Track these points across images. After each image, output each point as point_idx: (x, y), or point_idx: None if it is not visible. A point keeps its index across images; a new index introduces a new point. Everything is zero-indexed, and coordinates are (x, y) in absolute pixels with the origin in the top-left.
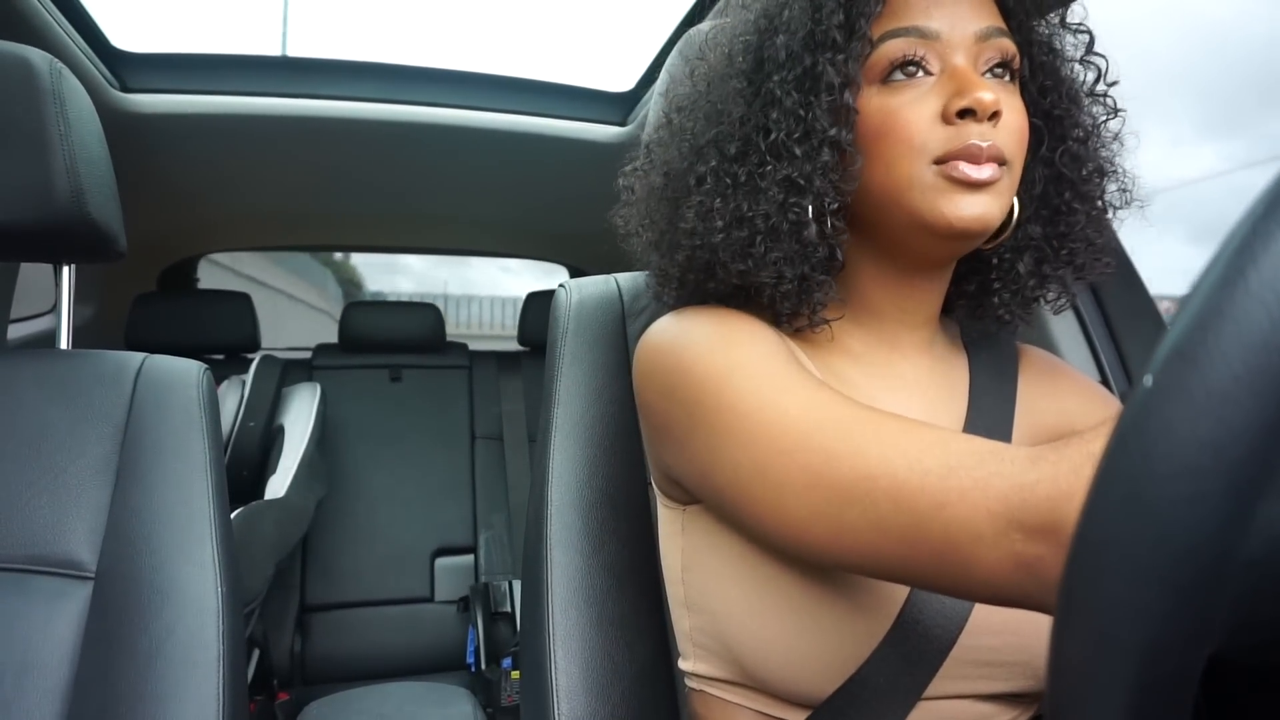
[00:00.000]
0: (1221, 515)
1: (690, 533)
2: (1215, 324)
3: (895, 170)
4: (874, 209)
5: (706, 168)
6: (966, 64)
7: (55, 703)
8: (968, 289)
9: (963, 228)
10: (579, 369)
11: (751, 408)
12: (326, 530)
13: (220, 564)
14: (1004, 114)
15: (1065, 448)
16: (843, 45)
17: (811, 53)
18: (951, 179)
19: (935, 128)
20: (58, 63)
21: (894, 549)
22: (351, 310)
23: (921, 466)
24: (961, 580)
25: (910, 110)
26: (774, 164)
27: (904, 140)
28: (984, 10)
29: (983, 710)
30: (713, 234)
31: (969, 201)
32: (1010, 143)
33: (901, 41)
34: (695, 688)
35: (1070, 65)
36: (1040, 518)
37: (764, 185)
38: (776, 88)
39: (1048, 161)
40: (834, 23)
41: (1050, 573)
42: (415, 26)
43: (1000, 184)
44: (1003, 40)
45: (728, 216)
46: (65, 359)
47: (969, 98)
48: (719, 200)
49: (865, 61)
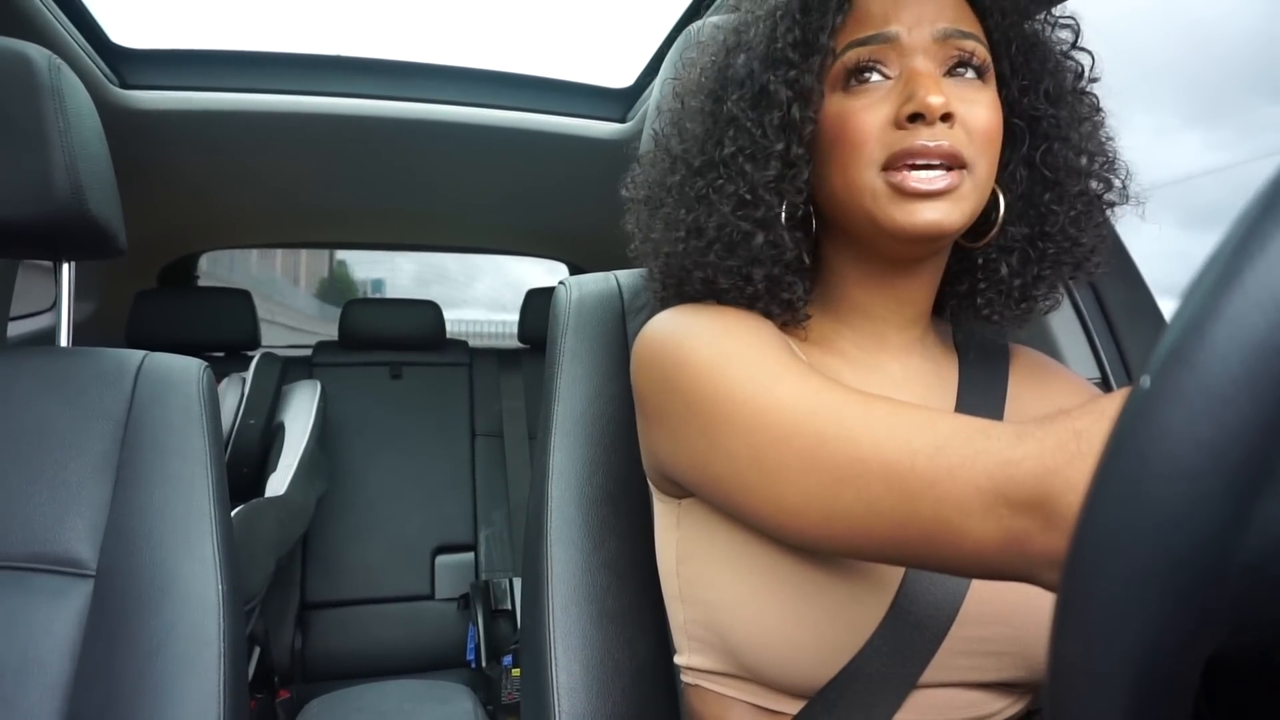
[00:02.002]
0: (1220, 516)
1: (685, 526)
2: (1212, 326)
3: (848, 175)
4: (838, 212)
5: (674, 180)
6: (925, 65)
7: (56, 700)
8: (959, 289)
9: (916, 234)
10: (579, 366)
11: (746, 395)
12: (327, 527)
13: (221, 561)
14: (963, 114)
15: (1051, 424)
16: (797, 61)
17: (767, 70)
18: (897, 188)
19: (886, 132)
20: (57, 59)
21: (886, 529)
22: (352, 308)
23: (911, 447)
24: (952, 557)
25: (863, 115)
26: (724, 177)
27: (855, 145)
28: (947, 11)
29: (975, 699)
30: (675, 243)
31: (922, 208)
32: (971, 142)
33: (860, 50)
34: (691, 682)
35: (1053, 62)
36: (1026, 492)
37: (715, 199)
38: (734, 106)
39: (1029, 162)
40: (789, 40)
41: (1036, 546)
42: (415, 23)
43: (960, 189)
44: (965, 40)
45: (687, 227)
46: (65, 356)
47: (917, 102)
48: (682, 210)
49: (829, 72)
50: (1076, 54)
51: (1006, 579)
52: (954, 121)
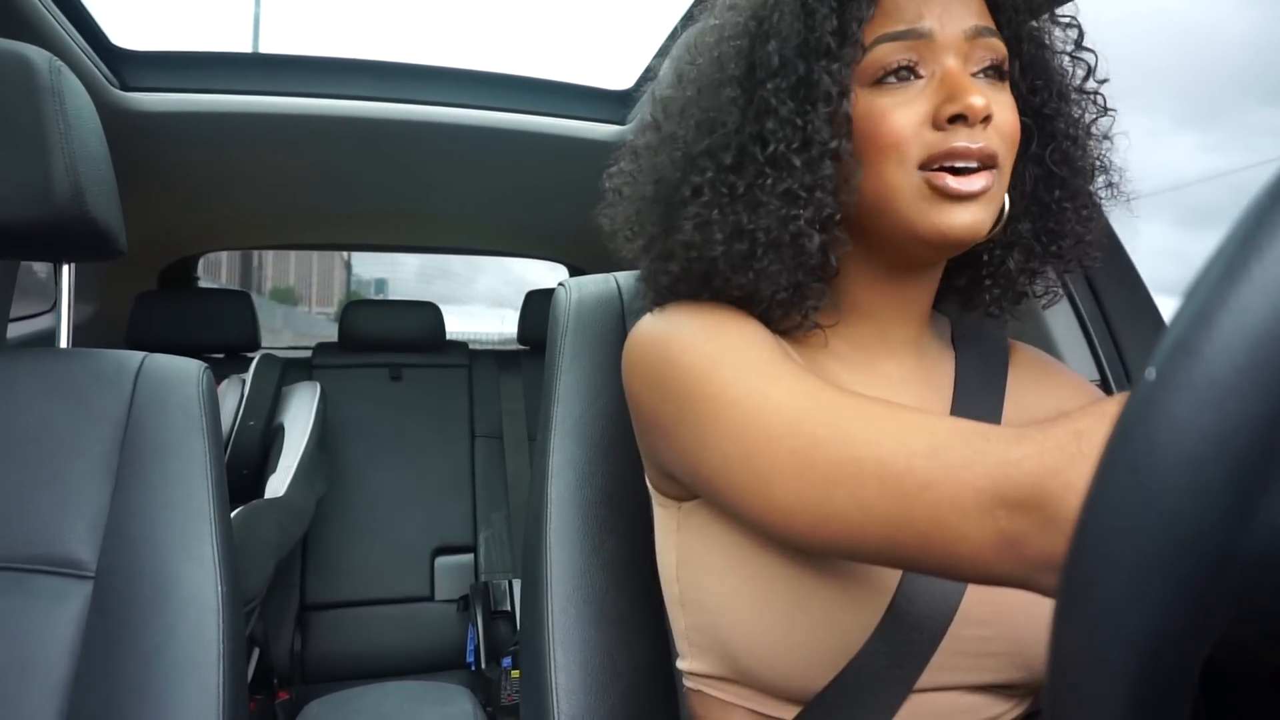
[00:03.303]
0: (1224, 506)
1: (685, 530)
2: (1218, 316)
3: (883, 176)
4: (865, 214)
5: (703, 179)
6: (957, 65)
7: (56, 701)
8: (958, 283)
9: (956, 237)
10: (579, 367)
11: (738, 395)
12: (327, 529)
13: (220, 563)
14: (994, 115)
15: (1051, 426)
16: (837, 52)
17: (805, 60)
18: (937, 190)
19: (924, 132)
20: (57, 61)
21: (881, 530)
22: (351, 309)
23: (907, 449)
24: (947, 559)
25: (899, 114)
26: (774, 176)
27: (892, 145)
28: (974, 8)
29: (973, 701)
30: (712, 247)
31: (959, 211)
32: (1001, 144)
33: (893, 46)
34: (692, 686)
35: (1060, 60)
36: (1024, 493)
37: (763, 198)
38: (771, 96)
39: (1038, 160)
40: (828, 29)
41: (1033, 548)
42: (415, 25)
43: (991, 191)
44: (992, 39)
45: (727, 230)
46: (65, 358)
47: (960, 103)
48: (716, 212)
49: (858, 66)
50: (1082, 53)
51: (1002, 584)
52: (989, 123)
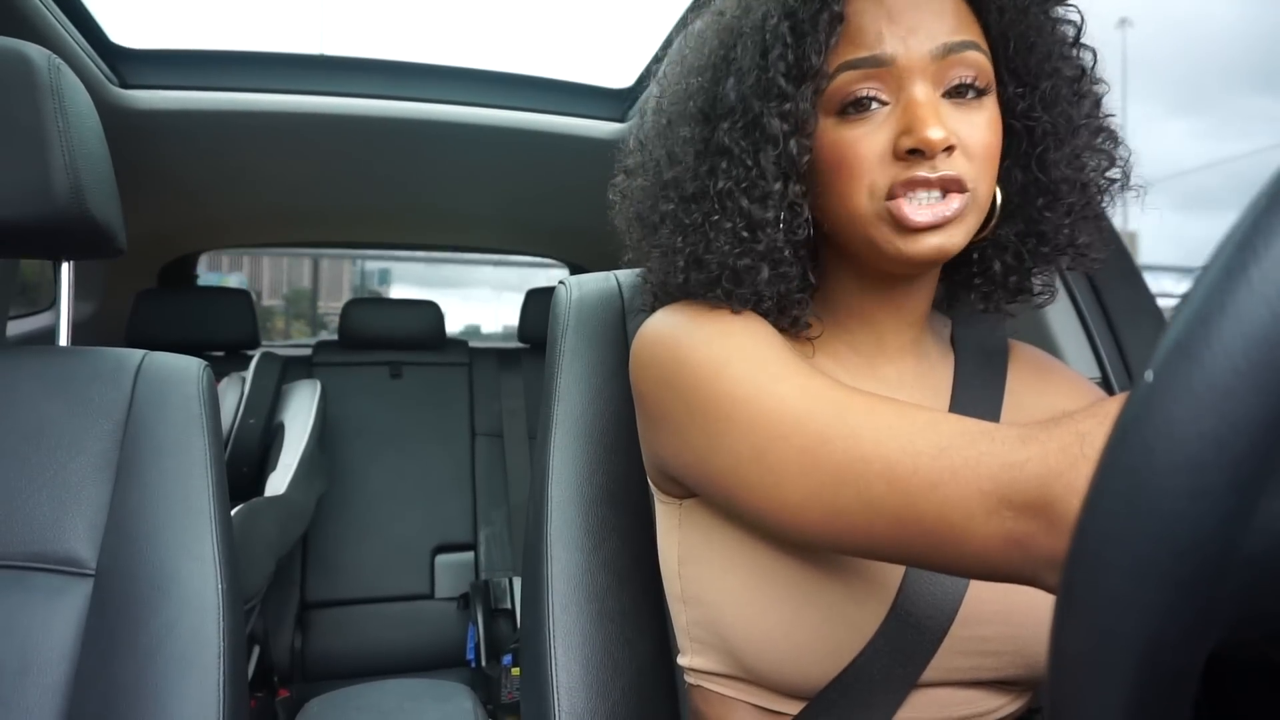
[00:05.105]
0: (1223, 509)
1: (687, 527)
2: (1217, 319)
3: (847, 204)
4: (840, 234)
5: (667, 209)
6: (924, 89)
7: (56, 700)
8: (954, 279)
9: (921, 262)
10: (579, 366)
11: (748, 394)
12: (327, 527)
13: (220, 561)
14: (964, 137)
15: (1054, 427)
16: (791, 92)
17: (760, 99)
18: (899, 221)
19: (885, 163)
20: (56, 59)
21: (887, 529)
22: (352, 307)
23: (914, 448)
24: (954, 558)
25: (861, 146)
26: (721, 213)
27: (854, 177)
28: (946, 21)
29: (973, 696)
30: (675, 274)
31: (922, 239)
32: (970, 166)
33: (853, 75)
34: (694, 683)
35: (1053, 62)
36: (1029, 495)
37: (712, 235)
38: (725, 136)
39: (1024, 165)
40: (780, 69)
41: (1039, 549)
42: (416, 22)
43: (962, 211)
44: (967, 53)
45: (686, 258)
46: (65, 356)
47: (915, 137)
48: (680, 240)
49: (823, 94)
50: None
51: (1009, 581)
52: (953, 151)
